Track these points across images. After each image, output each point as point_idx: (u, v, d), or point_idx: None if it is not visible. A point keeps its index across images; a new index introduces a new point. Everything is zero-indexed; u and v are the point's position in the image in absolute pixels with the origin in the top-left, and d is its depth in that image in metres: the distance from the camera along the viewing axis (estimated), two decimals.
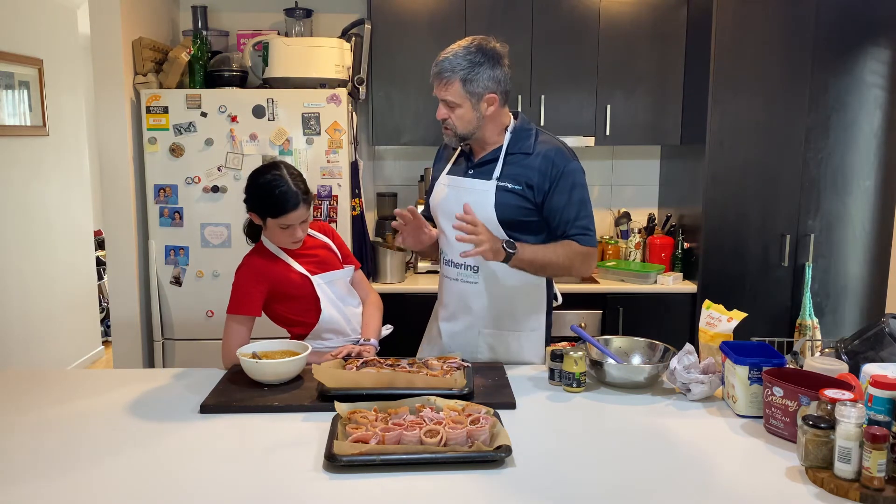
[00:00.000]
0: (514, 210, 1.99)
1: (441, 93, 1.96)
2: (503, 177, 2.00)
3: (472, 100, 1.94)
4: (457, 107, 1.95)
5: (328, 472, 1.37)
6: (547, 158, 1.98)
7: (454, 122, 1.97)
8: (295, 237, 2.05)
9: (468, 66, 1.91)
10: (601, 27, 3.37)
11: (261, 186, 2.02)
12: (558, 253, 1.98)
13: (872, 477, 1.25)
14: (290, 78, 3.16)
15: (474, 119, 1.97)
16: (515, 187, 1.99)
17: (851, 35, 3.17)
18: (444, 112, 1.98)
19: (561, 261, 1.98)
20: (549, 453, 1.47)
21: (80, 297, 4.82)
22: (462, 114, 1.96)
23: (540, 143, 2.02)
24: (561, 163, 1.98)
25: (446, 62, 1.93)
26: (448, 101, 1.95)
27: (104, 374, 2.14)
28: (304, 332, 2.12)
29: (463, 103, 1.95)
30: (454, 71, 1.92)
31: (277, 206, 2.00)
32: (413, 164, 3.79)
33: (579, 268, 2.02)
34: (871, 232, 3.31)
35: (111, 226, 3.17)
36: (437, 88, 1.97)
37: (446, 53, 1.95)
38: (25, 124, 4.20)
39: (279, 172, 2.03)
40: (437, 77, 1.95)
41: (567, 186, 1.98)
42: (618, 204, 3.85)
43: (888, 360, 1.63)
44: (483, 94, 1.94)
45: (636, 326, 3.24)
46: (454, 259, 2.09)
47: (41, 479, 1.36)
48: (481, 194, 2.01)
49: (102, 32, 3.04)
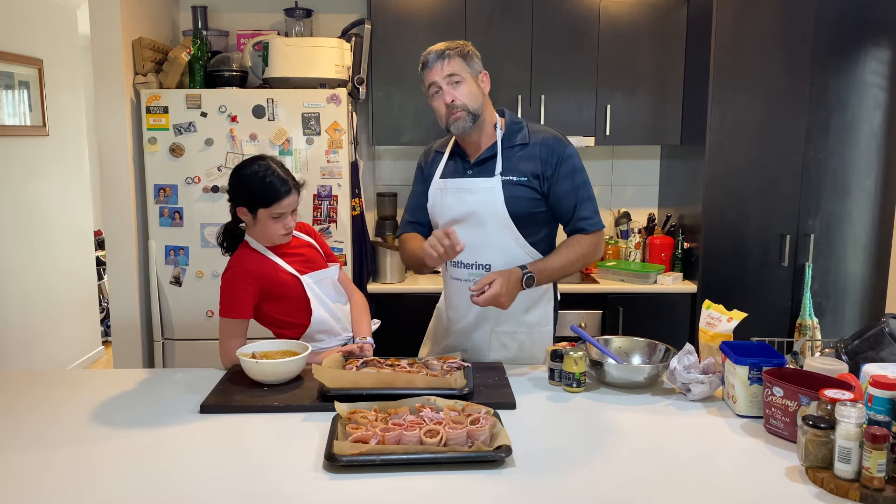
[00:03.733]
0: (524, 202, 2.00)
1: (441, 71, 1.96)
2: (506, 171, 2.00)
3: (473, 74, 1.99)
4: (461, 83, 1.96)
5: (328, 472, 1.37)
6: (545, 146, 2.01)
7: (463, 99, 1.96)
8: (287, 227, 2.03)
9: (461, 48, 1.99)
10: (601, 27, 3.37)
11: (249, 177, 1.99)
12: (571, 258, 2.01)
13: (872, 477, 1.25)
14: (290, 78, 3.16)
15: (479, 94, 2.00)
16: (521, 179, 2.00)
17: (851, 35, 3.17)
18: (450, 94, 1.96)
19: (576, 263, 2.03)
20: (549, 453, 1.47)
21: (80, 297, 4.82)
22: (469, 90, 1.97)
23: (534, 133, 2.05)
24: (560, 149, 2.01)
25: (437, 47, 1.98)
26: (453, 76, 1.96)
27: (104, 374, 2.14)
28: (294, 335, 2.08)
29: (465, 77, 1.97)
30: (451, 50, 1.97)
31: (269, 193, 1.97)
32: (413, 165, 3.74)
33: (592, 257, 2.05)
34: (871, 232, 3.31)
35: (111, 226, 3.17)
36: (434, 72, 1.97)
37: (433, 47, 2.00)
38: (25, 124, 4.20)
39: (264, 162, 2.02)
40: (439, 57, 1.96)
41: (569, 171, 2.00)
42: (618, 204, 3.85)
43: (888, 360, 1.63)
44: (479, 71, 2.01)
45: (636, 326, 3.24)
46: (463, 260, 2.07)
47: (41, 479, 1.36)
48: (487, 192, 2.00)
49: (102, 32, 3.04)
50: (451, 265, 2.12)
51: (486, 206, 1.99)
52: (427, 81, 2.00)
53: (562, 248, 2.04)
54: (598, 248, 2.05)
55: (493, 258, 2.02)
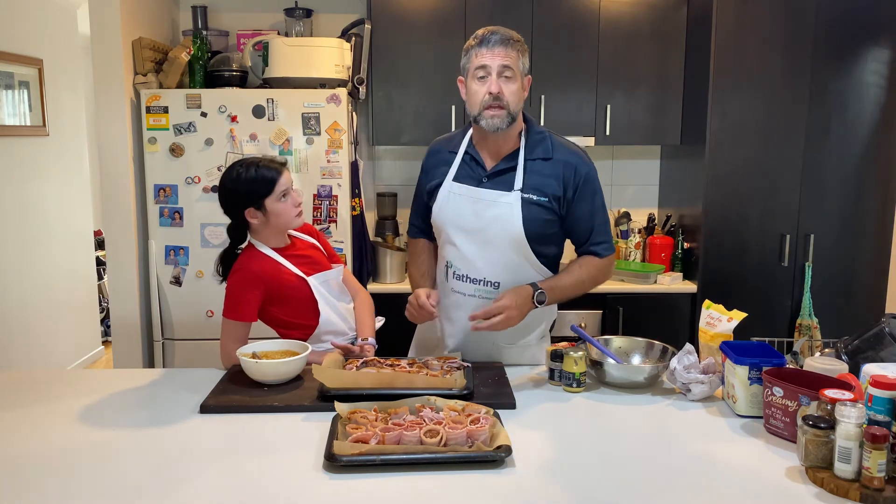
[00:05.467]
0: (541, 224, 1.91)
1: (499, 58, 1.80)
2: (526, 188, 1.89)
3: (522, 74, 1.85)
4: (512, 79, 1.82)
5: (328, 472, 1.37)
6: (569, 165, 1.90)
7: (508, 97, 1.81)
8: (297, 201, 2.07)
9: (522, 41, 1.84)
10: (601, 27, 3.37)
11: (239, 178, 2.01)
12: (583, 278, 1.97)
13: (872, 477, 1.25)
14: (290, 78, 3.16)
15: (522, 96, 1.86)
16: (541, 199, 1.89)
17: (851, 35, 3.17)
18: (498, 85, 1.80)
19: (587, 284, 1.99)
20: (549, 453, 1.47)
21: (80, 297, 4.82)
22: (516, 89, 1.83)
23: (558, 148, 1.92)
24: (583, 169, 1.91)
25: (506, 33, 1.82)
26: (507, 69, 1.80)
27: (104, 374, 2.14)
28: (301, 337, 2.08)
29: (517, 75, 1.83)
30: (515, 42, 1.81)
31: (266, 177, 2.00)
32: (413, 164, 3.79)
33: (603, 279, 2.02)
34: (871, 232, 3.31)
35: (111, 226, 3.17)
36: (491, 55, 1.80)
37: (498, 27, 1.84)
38: (25, 124, 4.20)
39: (239, 162, 2.06)
40: (502, 43, 1.80)
41: (589, 193, 1.93)
42: (618, 204, 3.85)
43: (888, 360, 1.63)
44: (527, 73, 1.87)
45: (636, 326, 3.24)
46: (469, 274, 1.96)
47: (41, 479, 1.36)
48: (505, 207, 1.88)
49: (102, 32, 3.04)
50: (453, 277, 1.99)
51: (502, 223, 1.89)
52: (477, 62, 1.82)
53: (573, 267, 1.97)
54: (608, 271, 2.01)
55: (502, 276, 1.94)
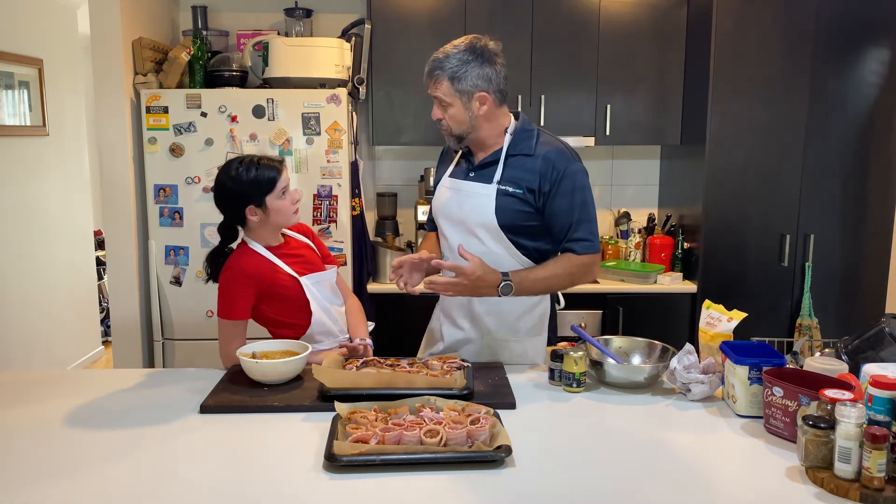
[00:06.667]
0: (514, 214, 1.96)
1: (433, 90, 1.96)
2: (504, 180, 1.97)
3: (463, 98, 1.93)
4: (448, 106, 1.94)
5: (328, 472, 1.37)
6: (547, 160, 1.94)
7: (448, 121, 1.97)
8: (295, 198, 2.07)
9: (457, 64, 1.91)
10: (601, 27, 3.37)
11: (239, 176, 2.01)
12: (558, 273, 1.97)
13: (872, 477, 1.25)
14: (290, 78, 3.16)
15: (466, 119, 1.95)
16: (516, 191, 1.95)
17: (851, 35, 3.17)
18: (438, 112, 1.98)
19: (562, 280, 1.99)
20: (549, 453, 1.47)
21: (80, 297, 4.82)
22: (454, 113, 1.95)
23: (541, 145, 1.98)
24: (562, 164, 1.94)
25: (436, 61, 1.93)
26: (440, 99, 1.95)
27: (104, 374, 2.14)
28: (292, 336, 2.07)
29: (453, 102, 1.93)
30: (443, 69, 1.92)
31: (267, 175, 2.01)
32: (413, 164, 3.79)
33: (581, 279, 2.00)
34: (871, 232, 3.31)
35: (111, 226, 3.17)
36: (429, 87, 1.97)
37: (438, 52, 1.95)
38: (25, 124, 4.20)
39: (237, 160, 2.05)
40: (428, 76, 1.96)
41: (568, 189, 1.94)
42: (618, 204, 3.85)
43: (888, 360, 1.63)
44: (473, 93, 1.92)
45: (636, 326, 3.24)
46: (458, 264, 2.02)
47: (42, 479, 1.36)
48: (482, 198, 1.98)
49: (102, 32, 3.04)
50: (444, 272, 2.05)
51: (477, 213, 1.97)
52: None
53: (549, 262, 2.00)
54: (588, 270, 1.99)
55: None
